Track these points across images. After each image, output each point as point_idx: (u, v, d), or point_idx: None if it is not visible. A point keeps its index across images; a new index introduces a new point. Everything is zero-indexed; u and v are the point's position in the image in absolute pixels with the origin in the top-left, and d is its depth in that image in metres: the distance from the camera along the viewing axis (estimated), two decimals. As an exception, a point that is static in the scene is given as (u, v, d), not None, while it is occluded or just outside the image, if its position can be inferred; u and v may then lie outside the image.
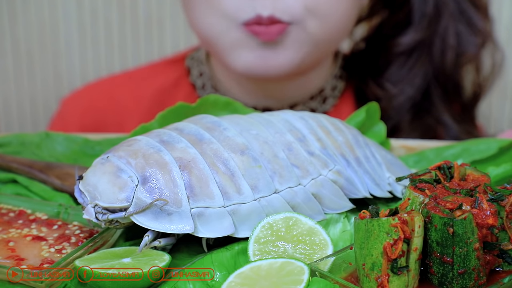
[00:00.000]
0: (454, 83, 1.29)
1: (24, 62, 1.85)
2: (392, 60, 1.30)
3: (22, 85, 1.85)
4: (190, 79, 1.32)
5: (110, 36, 1.82)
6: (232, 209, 0.80)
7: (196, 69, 1.32)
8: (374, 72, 1.31)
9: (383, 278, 0.69)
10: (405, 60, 1.29)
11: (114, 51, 1.84)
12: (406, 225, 0.69)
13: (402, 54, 1.29)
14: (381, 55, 1.31)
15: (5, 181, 0.97)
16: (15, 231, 0.84)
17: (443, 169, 0.78)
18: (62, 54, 1.84)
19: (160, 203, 0.78)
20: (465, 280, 0.71)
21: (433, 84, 1.28)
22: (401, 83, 1.28)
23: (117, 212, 0.79)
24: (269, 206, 0.82)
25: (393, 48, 1.29)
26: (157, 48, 1.82)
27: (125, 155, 0.81)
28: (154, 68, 1.38)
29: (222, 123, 0.86)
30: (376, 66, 1.31)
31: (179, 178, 0.79)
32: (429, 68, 1.28)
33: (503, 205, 0.72)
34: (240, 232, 0.81)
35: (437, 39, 1.27)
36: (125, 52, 1.83)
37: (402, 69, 1.29)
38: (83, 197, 0.80)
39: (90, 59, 1.84)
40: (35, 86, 1.85)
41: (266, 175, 0.83)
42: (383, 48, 1.31)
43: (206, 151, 0.82)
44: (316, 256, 0.77)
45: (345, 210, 0.86)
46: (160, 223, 0.78)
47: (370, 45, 1.34)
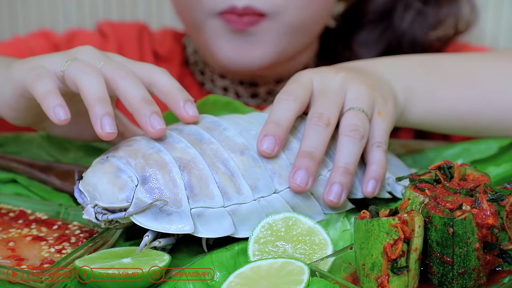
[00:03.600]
0: (423, 47, 1.29)
1: (24, 62, 1.84)
2: (361, 27, 1.31)
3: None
4: (185, 54, 1.35)
5: (110, 36, 1.82)
6: (232, 209, 0.81)
7: (190, 46, 1.34)
8: (344, 38, 1.32)
9: (383, 278, 0.69)
10: (374, 27, 1.30)
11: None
12: (406, 225, 0.69)
13: (371, 22, 1.30)
14: (352, 23, 1.32)
15: (5, 181, 0.97)
16: (15, 231, 0.84)
17: (443, 169, 0.78)
18: (62, 54, 1.83)
19: (160, 204, 0.78)
20: (465, 280, 0.71)
21: (403, 46, 1.29)
22: (369, 45, 1.29)
23: (117, 212, 0.79)
24: (268, 206, 0.82)
25: (363, 14, 1.31)
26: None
27: (124, 155, 0.81)
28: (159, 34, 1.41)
29: (222, 123, 0.86)
30: (346, 33, 1.32)
31: (179, 178, 0.79)
32: (397, 35, 1.29)
33: (503, 205, 0.72)
34: (240, 232, 0.81)
35: (400, 5, 1.28)
36: (125, 52, 1.83)
37: (371, 34, 1.30)
38: (82, 197, 0.81)
39: (90, 59, 1.84)
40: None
41: (266, 175, 0.83)
42: (353, 16, 1.32)
43: (206, 151, 0.82)
44: (316, 256, 0.77)
45: (345, 210, 0.86)
46: (160, 223, 0.78)
47: (343, 17, 1.35)
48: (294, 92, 0.87)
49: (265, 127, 0.84)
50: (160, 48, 1.35)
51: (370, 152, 0.88)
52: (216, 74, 1.29)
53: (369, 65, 0.97)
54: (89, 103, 0.80)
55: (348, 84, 0.89)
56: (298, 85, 0.88)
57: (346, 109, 0.88)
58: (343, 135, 0.85)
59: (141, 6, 1.82)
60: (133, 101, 0.82)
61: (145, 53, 1.35)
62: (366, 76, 0.91)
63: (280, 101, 0.86)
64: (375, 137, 0.88)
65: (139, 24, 1.40)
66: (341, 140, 0.85)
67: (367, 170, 0.87)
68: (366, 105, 0.88)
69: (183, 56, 1.35)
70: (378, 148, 0.88)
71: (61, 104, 0.79)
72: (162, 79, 0.85)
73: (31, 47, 1.30)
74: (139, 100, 0.81)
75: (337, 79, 0.89)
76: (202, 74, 1.31)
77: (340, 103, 0.87)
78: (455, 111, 0.98)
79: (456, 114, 0.98)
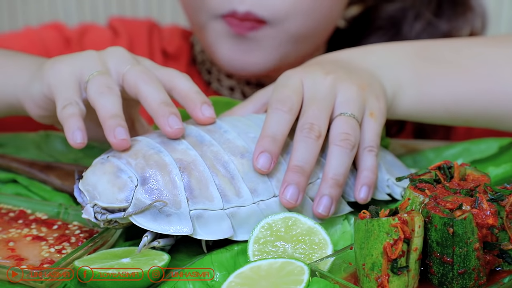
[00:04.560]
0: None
1: (24, 62, 1.84)
2: (370, 32, 1.30)
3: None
4: (193, 53, 1.35)
5: (110, 36, 1.82)
6: (231, 211, 0.80)
7: (198, 45, 1.34)
8: (352, 42, 1.32)
9: (383, 278, 0.69)
10: (383, 34, 1.30)
11: (114, 51, 1.83)
12: (406, 225, 0.69)
13: (381, 28, 1.30)
14: (362, 28, 1.32)
15: (5, 181, 0.97)
16: (15, 231, 0.84)
17: (443, 169, 0.78)
18: (62, 54, 1.84)
19: (160, 205, 0.78)
20: (465, 280, 0.71)
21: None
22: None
23: (116, 212, 0.79)
24: (267, 209, 0.82)
25: (374, 20, 1.30)
26: (157, 48, 1.82)
27: (125, 155, 0.81)
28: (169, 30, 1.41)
29: (223, 126, 0.86)
30: (355, 38, 1.32)
31: (179, 180, 0.79)
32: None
33: (503, 205, 0.72)
34: (238, 235, 0.81)
35: (410, 13, 1.28)
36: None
37: (379, 40, 1.29)
38: (82, 196, 0.81)
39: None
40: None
41: (265, 179, 0.83)
42: (364, 21, 1.31)
43: (206, 153, 0.82)
44: (315, 255, 0.77)
45: (343, 214, 0.86)
46: (159, 224, 0.78)
47: (353, 21, 1.35)
48: (289, 101, 0.86)
49: (261, 142, 0.83)
50: (168, 46, 1.35)
51: (361, 156, 0.87)
52: (222, 73, 1.29)
53: (357, 58, 0.96)
54: (103, 120, 0.83)
55: (338, 87, 0.88)
56: (291, 92, 0.87)
57: (336, 114, 0.87)
58: (333, 145, 0.85)
59: (141, 5, 1.82)
60: (153, 104, 0.84)
61: (155, 51, 1.35)
62: (356, 75, 0.91)
63: (276, 111, 0.85)
64: (367, 141, 0.87)
65: (149, 21, 1.40)
66: (331, 150, 0.84)
67: (359, 176, 0.87)
68: (356, 108, 0.87)
69: (191, 55, 1.35)
70: (369, 153, 0.87)
71: (81, 128, 0.82)
72: (182, 82, 0.87)
73: (42, 38, 1.31)
74: (159, 103, 0.84)
75: (326, 82, 0.88)
76: (209, 73, 1.31)
77: (330, 108, 0.87)
78: (443, 102, 0.97)
79: (444, 105, 0.97)
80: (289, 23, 1.15)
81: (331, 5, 1.18)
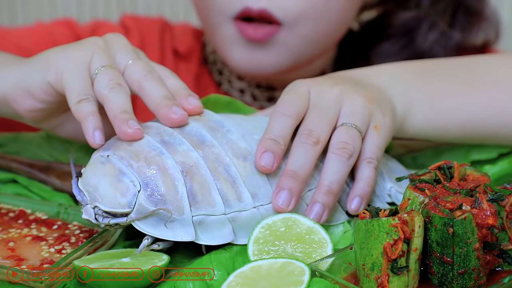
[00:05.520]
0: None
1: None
2: (383, 39, 1.30)
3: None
4: (204, 52, 1.35)
5: (110, 36, 1.82)
6: (232, 216, 0.80)
7: (210, 45, 1.33)
8: (364, 47, 1.32)
9: (383, 278, 0.69)
10: (396, 41, 1.29)
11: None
12: (406, 225, 0.69)
13: (394, 35, 1.29)
14: (375, 33, 1.31)
15: (5, 181, 0.97)
16: (15, 231, 0.84)
17: (443, 169, 0.78)
18: (62, 54, 1.83)
19: (163, 211, 0.77)
20: (465, 280, 0.71)
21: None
22: (387, 58, 1.28)
23: (118, 217, 0.78)
24: (267, 214, 0.81)
25: (388, 27, 1.30)
26: (157, 48, 1.82)
27: (126, 156, 0.80)
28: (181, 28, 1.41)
29: (226, 124, 0.85)
30: (367, 43, 1.32)
31: (182, 185, 0.78)
32: (417, 52, 1.29)
33: (503, 205, 0.72)
34: (239, 239, 0.80)
35: (425, 23, 1.28)
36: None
37: (391, 48, 1.29)
38: (82, 195, 0.80)
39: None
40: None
41: (266, 183, 0.82)
42: (378, 27, 1.31)
43: (208, 155, 0.81)
44: (315, 254, 0.77)
45: (341, 222, 0.86)
46: (161, 231, 0.77)
47: (367, 25, 1.34)
48: (294, 106, 0.86)
49: (264, 143, 0.83)
50: (180, 45, 1.34)
51: (359, 168, 0.87)
52: (233, 75, 1.29)
53: (368, 76, 0.96)
54: (112, 117, 0.83)
55: (344, 98, 0.88)
56: (296, 96, 0.87)
57: (339, 123, 0.87)
58: (331, 153, 0.85)
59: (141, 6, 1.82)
60: (155, 99, 0.85)
61: (166, 50, 1.34)
62: (364, 88, 0.90)
63: (279, 115, 0.85)
64: (367, 152, 0.87)
65: (161, 20, 1.39)
66: (328, 158, 0.84)
67: (354, 187, 0.87)
68: (361, 119, 0.87)
69: (202, 55, 1.35)
70: (368, 164, 0.87)
71: (99, 127, 0.83)
72: (172, 81, 0.88)
73: (53, 34, 1.30)
74: (162, 97, 0.85)
75: (333, 92, 0.88)
76: (220, 74, 1.31)
77: (334, 118, 0.87)
78: (456, 121, 0.97)
79: (457, 125, 0.97)
80: (303, 26, 1.14)
81: (344, 8, 1.18)
